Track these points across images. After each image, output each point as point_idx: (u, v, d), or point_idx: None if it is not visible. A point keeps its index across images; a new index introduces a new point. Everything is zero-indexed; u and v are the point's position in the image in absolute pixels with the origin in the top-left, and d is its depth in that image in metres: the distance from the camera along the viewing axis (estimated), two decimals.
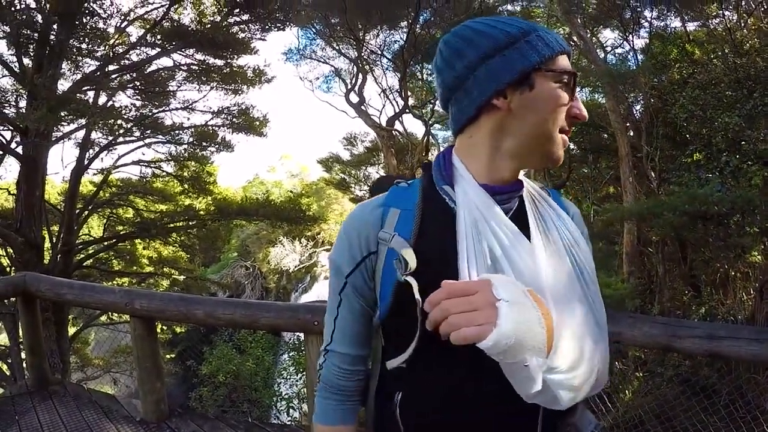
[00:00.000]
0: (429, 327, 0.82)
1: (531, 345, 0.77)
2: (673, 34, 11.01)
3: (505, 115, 0.95)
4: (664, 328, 2.78)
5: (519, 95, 0.93)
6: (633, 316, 3.02)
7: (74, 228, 12.08)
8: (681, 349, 2.80)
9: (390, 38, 14.52)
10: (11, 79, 10.67)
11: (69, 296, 3.91)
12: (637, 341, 2.95)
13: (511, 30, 0.94)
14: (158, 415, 3.65)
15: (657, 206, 7.53)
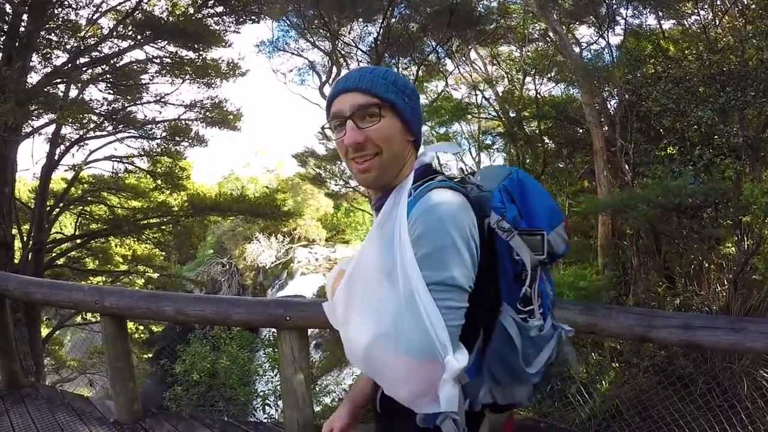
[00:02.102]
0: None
1: (328, 296, 1.34)
2: (648, 31, 11.15)
3: None
4: (639, 319, 2.82)
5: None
6: (608, 307, 3.05)
7: (45, 226, 11.82)
8: (657, 339, 2.85)
9: (365, 30, 14.44)
10: None
11: (37, 295, 3.83)
12: (613, 332, 2.98)
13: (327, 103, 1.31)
14: (132, 416, 3.60)
15: (631, 198, 7.61)
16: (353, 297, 1.21)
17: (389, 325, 1.10)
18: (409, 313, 1.07)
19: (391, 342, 1.09)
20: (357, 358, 1.18)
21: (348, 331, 1.22)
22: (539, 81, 15.12)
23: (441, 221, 1.10)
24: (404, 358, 1.08)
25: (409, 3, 12.74)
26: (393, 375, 1.12)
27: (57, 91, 11.19)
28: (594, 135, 10.02)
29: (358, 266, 1.22)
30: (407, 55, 14.84)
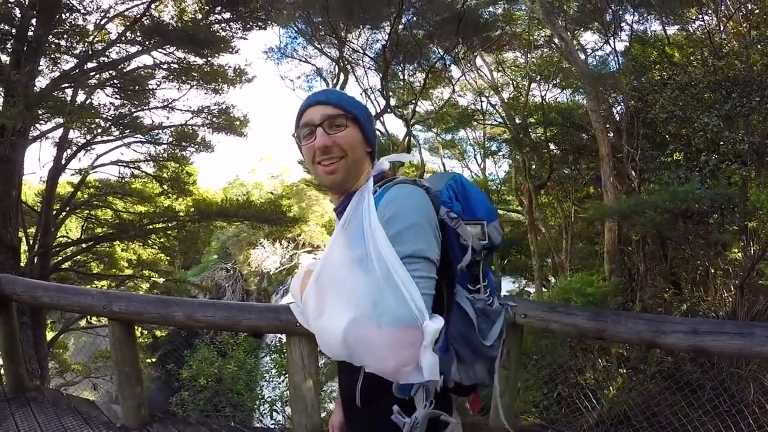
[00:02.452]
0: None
1: (293, 295, 1.45)
2: (653, 37, 11.14)
3: None
4: (648, 324, 2.82)
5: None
6: (617, 313, 3.05)
7: (51, 230, 11.86)
8: (665, 345, 2.85)
9: (372, 37, 14.48)
10: None
11: (45, 299, 3.82)
12: (621, 337, 2.99)
13: (296, 117, 1.50)
14: (139, 421, 3.59)
15: (639, 204, 7.60)
16: (324, 291, 1.30)
17: (367, 306, 1.18)
18: (388, 288, 1.18)
19: (373, 320, 1.16)
20: (335, 345, 1.23)
21: (322, 321, 1.29)
22: (545, 87, 15.12)
23: (408, 205, 1.29)
24: (388, 330, 1.15)
25: (417, 10, 12.75)
26: (378, 350, 1.18)
27: (65, 96, 11.24)
28: (600, 141, 9.99)
29: (326, 263, 1.33)
30: (414, 62, 14.87)
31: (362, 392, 1.39)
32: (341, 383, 1.57)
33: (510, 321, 3.20)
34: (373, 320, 1.17)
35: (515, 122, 15.62)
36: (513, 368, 3.41)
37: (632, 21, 11.05)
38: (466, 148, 22.29)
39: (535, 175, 15.44)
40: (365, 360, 1.21)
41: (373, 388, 1.32)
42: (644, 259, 9.43)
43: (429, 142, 22.62)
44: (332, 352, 1.27)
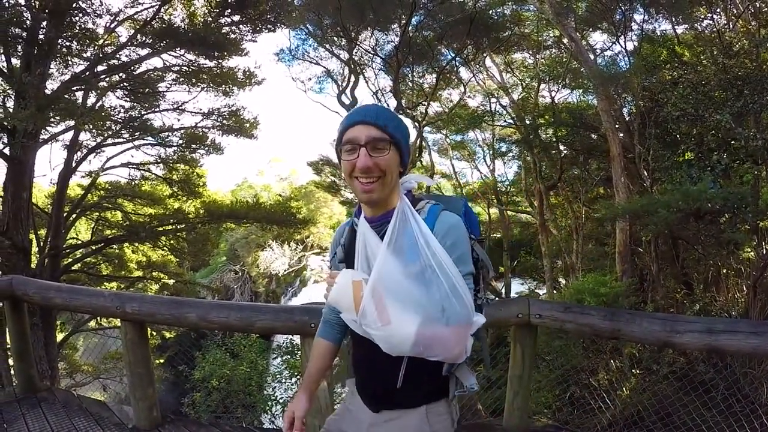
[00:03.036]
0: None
1: (344, 306, 1.59)
2: (662, 36, 11.08)
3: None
4: (662, 324, 2.79)
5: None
6: (631, 313, 3.02)
7: (62, 231, 11.91)
8: (680, 344, 2.82)
9: (383, 39, 14.49)
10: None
11: (57, 300, 3.82)
12: (636, 337, 2.95)
13: (339, 128, 1.64)
14: (151, 422, 3.58)
15: (651, 203, 7.54)
16: (383, 301, 1.51)
17: (435, 311, 1.48)
18: (454, 297, 1.49)
19: (441, 321, 1.48)
20: (406, 344, 1.50)
21: (392, 328, 1.50)
22: (554, 88, 15.06)
23: (462, 234, 1.61)
24: (455, 328, 1.50)
25: (428, 12, 12.73)
26: (447, 343, 1.52)
27: (75, 99, 11.29)
28: (611, 141, 9.94)
29: (382, 276, 1.53)
30: (424, 63, 14.85)
31: (404, 376, 1.64)
32: (369, 375, 1.83)
33: (524, 322, 3.19)
34: (441, 321, 1.48)
35: (525, 123, 15.56)
36: (527, 369, 3.38)
37: (641, 20, 11.02)
38: (475, 149, 22.27)
39: (546, 175, 15.38)
40: (436, 352, 1.52)
41: (412, 372, 1.64)
42: (656, 260, 9.36)
43: (438, 144, 22.61)
44: (400, 351, 1.54)
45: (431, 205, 1.66)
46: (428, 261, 1.51)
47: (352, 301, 1.55)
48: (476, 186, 23.27)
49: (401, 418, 1.74)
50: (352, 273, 1.61)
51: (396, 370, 1.64)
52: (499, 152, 21.17)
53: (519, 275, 21.72)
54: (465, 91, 17.43)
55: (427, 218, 1.60)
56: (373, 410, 1.81)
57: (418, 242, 1.54)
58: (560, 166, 14.21)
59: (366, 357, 1.77)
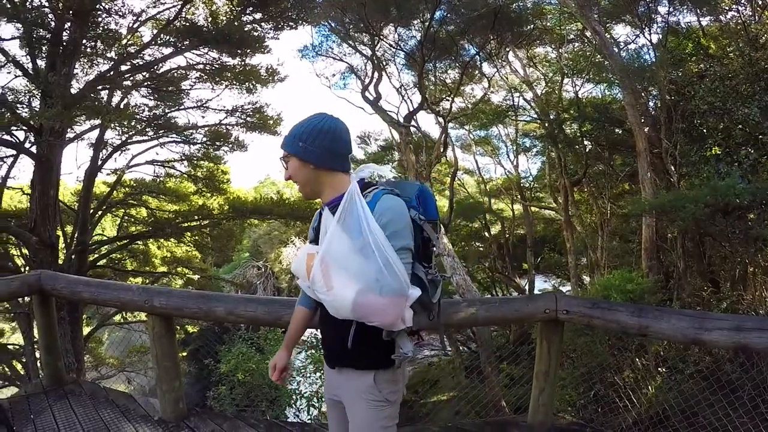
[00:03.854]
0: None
1: (299, 275, 1.89)
2: (687, 28, 10.87)
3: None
4: (691, 321, 2.74)
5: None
6: (660, 309, 2.96)
7: (88, 228, 12.12)
8: (709, 342, 2.76)
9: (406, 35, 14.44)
10: (24, 79, 10.67)
11: (85, 294, 3.87)
12: (664, 334, 2.90)
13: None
14: (177, 414, 3.61)
15: (678, 199, 7.41)
16: (329, 270, 1.74)
17: (371, 281, 1.65)
18: (387, 270, 1.65)
19: (375, 291, 1.65)
20: (345, 309, 1.70)
21: (333, 293, 1.72)
22: (578, 82, 14.87)
23: (398, 213, 1.77)
24: (388, 298, 1.66)
25: (451, 6, 12.64)
26: (381, 311, 1.68)
27: (101, 98, 11.45)
28: (637, 136, 9.77)
29: (329, 249, 1.76)
30: (447, 59, 14.78)
31: (353, 338, 1.84)
32: (327, 335, 2.06)
33: (551, 317, 3.16)
34: (375, 291, 1.65)
35: (549, 118, 15.37)
36: (553, 365, 3.34)
37: (665, 12, 10.82)
38: (498, 144, 22.08)
39: (570, 171, 15.20)
40: (370, 317, 1.71)
41: (360, 336, 1.82)
42: (683, 256, 9.19)
43: (461, 140, 22.46)
44: (343, 315, 1.74)
45: (378, 191, 1.86)
46: (367, 237, 1.70)
47: (304, 270, 1.85)
48: (500, 182, 23.05)
49: (356, 380, 1.94)
50: (309, 247, 1.94)
51: (347, 332, 1.85)
52: (522, 147, 20.98)
53: (542, 272, 21.54)
54: (489, 86, 17.28)
55: (370, 201, 1.81)
56: (330, 366, 2.07)
57: (360, 222, 1.73)
58: (585, 161, 14.01)
59: (325, 318, 1.94)
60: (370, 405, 1.93)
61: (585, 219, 16.14)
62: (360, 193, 1.83)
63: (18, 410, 3.70)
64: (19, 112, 10.24)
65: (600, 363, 6.92)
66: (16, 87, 10.83)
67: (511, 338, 12.84)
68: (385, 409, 1.94)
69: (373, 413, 1.93)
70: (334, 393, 2.10)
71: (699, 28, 10.65)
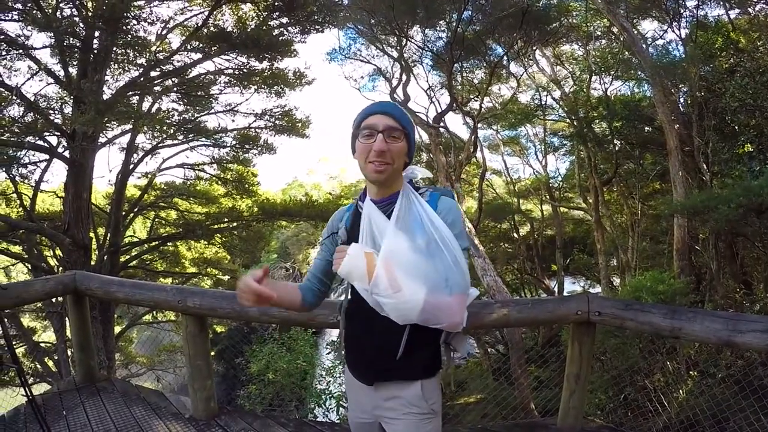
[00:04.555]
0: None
1: (356, 276, 1.65)
2: (716, 22, 10.65)
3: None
4: (725, 323, 2.69)
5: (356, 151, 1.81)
6: (693, 311, 2.90)
7: (120, 229, 12.35)
8: (742, 344, 2.70)
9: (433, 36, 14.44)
10: (56, 86, 10.96)
11: (120, 294, 3.94)
12: (697, 336, 2.84)
13: (358, 116, 1.81)
14: (208, 413, 3.66)
15: (711, 199, 7.24)
16: (393, 271, 1.62)
17: (440, 281, 1.61)
18: (456, 269, 1.64)
19: (445, 290, 1.61)
20: (414, 312, 1.61)
21: (402, 296, 1.60)
22: (606, 80, 14.67)
23: (459, 215, 1.79)
24: (457, 297, 1.63)
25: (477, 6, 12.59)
26: (450, 311, 1.64)
27: (132, 103, 11.67)
28: (668, 134, 9.60)
29: (392, 249, 1.66)
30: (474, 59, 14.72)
31: (405, 346, 1.76)
32: (366, 349, 1.89)
33: (583, 319, 3.13)
34: (445, 290, 1.61)
35: (578, 116, 15.19)
36: (584, 368, 3.30)
37: (693, 6, 10.62)
38: (527, 144, 21.92)
39: (600, 170, 15.00)
40: (441, 319, 1.65)
41: (411, 343, 1.76)
42: (715, 257, 9.00)
43: (489, 140, 22.34)
44: (408, 318, 1.64)
45: (432, 191, 1.85)
46: (432, 235, 1.67)
47: (364, 271, 1.65)
48: (528, 182, 22.87)
49: (401, 394, 1.85)
50: (361, 246, 1.72)
51: (395, 341, 1.78)
52: (551, 147, 20.78)
53: (572, 274, 21.27)
54: (517, 85, 17.16)
55: (429, 201, 1.79)
56: (367, 383, 1.92)
57: (423, 220, 1.71)
58: (615, 160, 13.79)
59: (363, 330, 1.87)
60: (416, 419, 1.84)
61: (615, 219, 15.92)
62: (416, 193, 1.81)
63: (51, 406, 3.79)
64: (52, 118, 10.50)
65: (631, 366, 6.82)
66: (49, 94, 11.13)
67: (540, 340, 12.71)
68: (432, 420, 1.87)
69: (420, 427, 1.84)
70: (367, 414, 1.98)
71: (728, 21, 10.43)
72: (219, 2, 11.36)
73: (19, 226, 10.80)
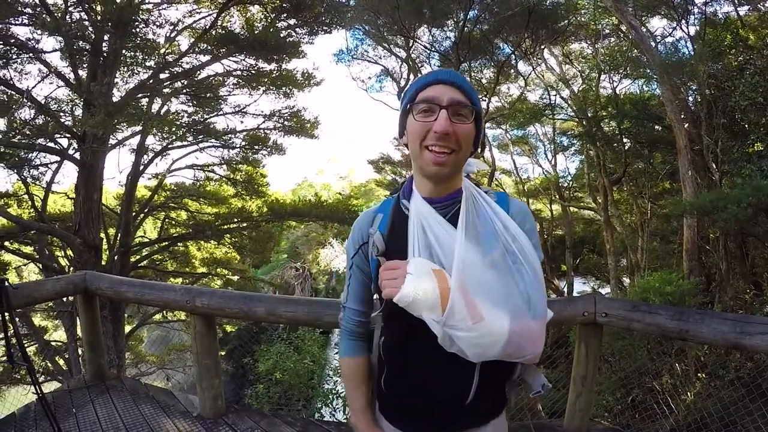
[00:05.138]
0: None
1: (425, 305, 1.23)
2: (725, 19, 10.58)
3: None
4: (732, 325, 2.67)
5: (406, 133, 1.40)
6: (701, 312, 2.88)
7: (130, 230, 12.44)
8: (750, 347, 2.69)
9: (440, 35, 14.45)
10: (66, 89, 11.12)
11: (129, 294, 3.98)
12: (704, 338, 2.82)
13: (407, 87, 1.43)
14: (215, 411, 3.68)
15: (720, 199, 7.21)
16: (469, 296, 1.26)
17: (520, 302, 1.30)
18: (537, 284, 1.33)
19: (528, 314, 1.30)
20: (498, 345, 1.26)
21: (484, 327, 1.25)
22: (615, 78, 14.61)
23: (534, 222, 1.47)
24: (541, 321, 1.33)
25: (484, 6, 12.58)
26: (535, 339, 1.32)
27: (141, 105, 11.77)
28: (677, 133, 9.55)
29: (466, 269, 1.28)
30: (482, 58, 14.71)
31: (477, 387, 1.42)
32: (424, 394, 1.47)
33: (590, 320, 3.10)
34: (529, 314, 1.30)
35: (587, 115, 15.15)
36: (590, 369, 3.28)
37: (702, 3, 10.55)
38: (536, 144, 21.88)
39: (610, 170, 14.94)
40: (526, 350, 1.31)
41: (482, 382, 1.42)
42: (725, 258, 8.94)
43: (498, 139, 22.32)
44: (487, 355, 1.28)
45: (497, 191, 1.49)
46: (509, 245, 1.33)
47: (437, 295, 1.23)
48: (538, 182, 22.85)
49: None
50: (425, 263, 1.30)
51: (462, 383, 1.41)
52: (560, 146, 20.72)
53: (581, 274, 21.19)
54: (525, 84, 17.13)
55: (498, 202, 1.43)
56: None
57: (496, 226, 1.35)
58: (624, 159, 13.74)
59: (417, 372, 1.47)
60: None
61: (625, 219, 15.86)
62: (482, 192, 1.44)
63: (61, 404, 3.83)
64: (63, 120, 10.62)
65: (638, 368, 6.80)
66: (59, 97, 11.31)
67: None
68: None
69: None
70: None
71: (737, 18, 10.35)
72: (227, 4, 11.40)
73: (31, 227, 10.90)
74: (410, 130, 1.36)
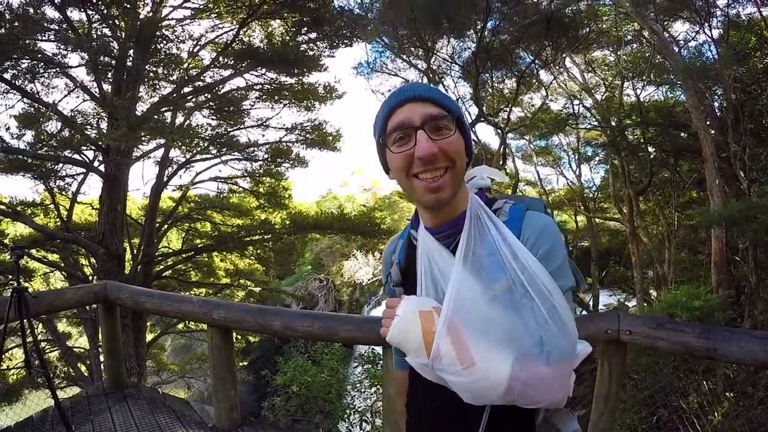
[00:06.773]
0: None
1: (410, 347, 1.20)
2: (748, 21, 10.37)
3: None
4: (762, 343, 2.54)
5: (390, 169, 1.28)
6: (730, 330, 2.76)
7: (154, 241, 12.59)
8: None
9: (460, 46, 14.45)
10: (92, 103, 11.41)
11: (148, 304, 4.03)
12: (732, 357, 2.69)
13: (380, 112, 1.26)
14: (230, 423, 3.68)
15: (749, 208, 7.01)
16: (461, 337, 1.16)
17: (531, 344, 1.13)
18: (554, 323, 1.14)
19: (539, 357, 1.12)
20: (495, 392, 1.14)
21: (475, 371, 1.13)
22: (638, 85, 14.43)
23: (558, 237, 1.24)
24: (558, 366, 1.13)
25: (503, 15, 12.56)
26: (549, 386, 1.15)
27: (165, 119, 11.95)
28: (703, 140, 9.36)
29: (459, 304, 1.17)
30: (502, 68, 14.67)
31: (488, 422, 1.26)
32: (445, 420, 1.36)
33: (613, 338, 2.99)
34: (541, 357, 1.12)
35: (611, 124, 14.96)
36: (614, 389, 3.18)
37: (724, 5, 10.39)
38: (560, 154, 21.70)
39: (635, 180, 14.72)
40: (534, 397, 1.15)
41: (495, 423, 1.26)
42: (755, 270, 8.68)
43: (522, 150, 22.19)
44: (487, 400, 1.18)
45: (512, 205, 1.28)
46: (517, 277, 1.16)
47: (421, 339, 1.18)
48: (562, 193, 22.65)
49: None
50: (417, 301, 1.24)
51: (473, 416, 1.27)
52: (584, 156, 20.52)
53: (607, 287, 20.86)
54: (547, 94, 17.02)
55: (509, 221, 1.24)
56: None
57: (501, 253, 1.18)
58: (650, 169, 13.51)
59: (431, 400, 1.38)
60: None
61: (651, 230, 15.60)
62: (490, 212, 1.27)
63: (78, 410, 3.89)
64: (88, 133, 10.85)
65: (664, 386, 6.60)
66: (85, 110, 11.66)
67: None
68: None
69: None
70: None
71: (761, 19, 10.11)
72: (247, 19, 11.54)
73: (56, 236, 11.11)
74: (392, 166, 1.24)
